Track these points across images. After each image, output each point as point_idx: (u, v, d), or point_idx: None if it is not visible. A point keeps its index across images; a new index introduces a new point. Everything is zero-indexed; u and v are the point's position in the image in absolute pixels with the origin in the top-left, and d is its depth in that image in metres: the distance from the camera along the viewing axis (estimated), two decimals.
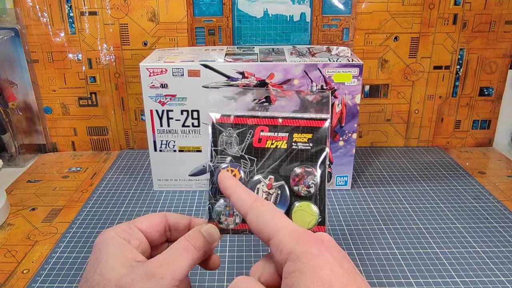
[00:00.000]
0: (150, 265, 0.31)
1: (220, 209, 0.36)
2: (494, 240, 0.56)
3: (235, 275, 0.50)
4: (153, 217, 0.36)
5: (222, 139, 0.38)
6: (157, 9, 0.75)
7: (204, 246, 0.34)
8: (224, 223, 0.36)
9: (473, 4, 0.75)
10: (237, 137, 0.38)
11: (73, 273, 0.50)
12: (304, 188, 0.36)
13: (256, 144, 0.37)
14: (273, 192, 0.37)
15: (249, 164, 0.37)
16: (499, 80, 0.81)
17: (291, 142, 0.37)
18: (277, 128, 0.37)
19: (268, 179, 0.37)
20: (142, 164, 0.78)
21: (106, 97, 0.81)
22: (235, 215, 0.36)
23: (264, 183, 0.37)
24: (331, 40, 0.78)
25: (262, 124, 0.37)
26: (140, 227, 0.35)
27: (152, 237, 0.36)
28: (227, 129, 0.38)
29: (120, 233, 0.33)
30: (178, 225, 0.37)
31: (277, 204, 0.37)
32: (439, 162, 0.78)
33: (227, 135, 0.38)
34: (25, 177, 0.75)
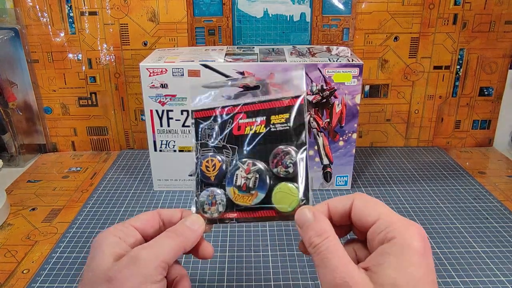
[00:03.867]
0: (133, 251, 0.32)
1: (203, 199, 0.37)
2: (494, 240, 0.56)
3: (235, 275, 0.50)
4: (147, 214, 0.37)
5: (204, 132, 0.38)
6: (157, 9, 0.75)
7: (186, 232, 0.35)
8: (208, 212, 0.37)
9: (473, 4, 0.75)
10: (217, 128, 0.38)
11: (73, 273, 0.50)
12: (283, 168, 0.36)
13: (236, 132, 0.38)
14: (251, 177, 0.37)
15: (231, 153, 0.38)
16: (499, 80, 0.81)
17: (269, 125, 0.37)
18: (254, 113, 0.38)
19: (246, 164, 0.37)
20: (142, 164, 0.78)
21: (106, 97, 0.81)
22: (218, 204, 0.37)
23: (242, 168, 0.37)
24: (331, 40, 0.78)
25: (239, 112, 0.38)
26: (135, 225, 0.36)
27: (147, 233, 0.36)
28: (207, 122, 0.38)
29: (115, 232, 0.34)
30: (172, 219, 0.37)
31: (256, 188, 0.37)
32: (439, 162, 0.78)
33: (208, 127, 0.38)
34: (25, 177, 0.75)
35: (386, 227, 0.30)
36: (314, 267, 0.50)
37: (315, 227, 0.32)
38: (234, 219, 0.37)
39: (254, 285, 0.48)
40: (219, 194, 0.37)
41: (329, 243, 0.30)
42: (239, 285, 0.48)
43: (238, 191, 0.37)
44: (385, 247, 0.29)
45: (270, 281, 0.49)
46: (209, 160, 0.38)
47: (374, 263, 0.29)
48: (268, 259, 0.52)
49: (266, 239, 0.56)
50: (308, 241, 0.32)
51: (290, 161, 0.36)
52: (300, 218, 0.34)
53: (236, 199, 0.37)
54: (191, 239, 0.35)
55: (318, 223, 0.32)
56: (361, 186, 0.70)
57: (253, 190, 0.37)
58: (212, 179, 0.38)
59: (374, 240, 0.31)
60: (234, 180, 0.37)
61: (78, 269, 0.51)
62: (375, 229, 0.31)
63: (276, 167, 0.36)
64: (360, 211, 0.32)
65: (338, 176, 0.68)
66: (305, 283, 0.48)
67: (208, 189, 0.37)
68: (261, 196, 0.37)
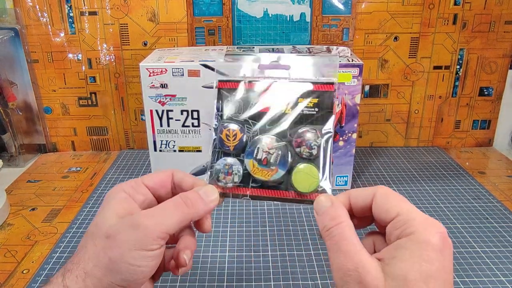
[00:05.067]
0: (137, 215, 0.32)
1: (219, 167, 0.36)
2: (494, 240, 0.56)
3: (235, 275, 0.50)
4: (160, 174, 0.37)
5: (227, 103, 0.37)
6: (157, 9, 0.75)
7: (197, 204, 0.34)
8: (223, 181, 0.36)
9: (473, 4, 0.75)
10: (241, 101, 0.37)
11: None
12: (306, 149, 0.36)
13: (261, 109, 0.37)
14: (273, 152, 0.36)
15: (252, 128, 0.37)
16: (499, 80, 0.81)
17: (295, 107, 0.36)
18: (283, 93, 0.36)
19: (270, 139, 0.36)
20: (142, 164, 0.78)
21: (106, 97, 0.81)
22: (234, 174, 0.36)
23: (264, 142, 0.36)
24: (331, 40, 0.78)
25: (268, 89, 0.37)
26: (147, 183, 0.36)
27: (159, 193, 0.36)
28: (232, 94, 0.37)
29: (126, 188, 0.35)
30: (182, 184, 0.36)
31: (277, 164, 0.36)
32: (439, 162, 0.78)
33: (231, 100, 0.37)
34: (25, 177, 0.75)
35: (405, 223, 0.30)
36: (315, 267, 0.51)
37: (331, 211, 0.32)
38: (248, 195, 0.36)
39: (254, 285, 0.48)
40: (236, 164, 0.36)
41: (343, 228, 0.31)
42: (239, 285, 0.48)
43: (258, 164, 0.36)
44: (401, 241, 0.29)
45: (270, 281, 0.49)
46: (230, 130, 0.37)
47: (388, 255, 0.30)
48: (268, 259, 0.52)
49: (266, 239, 0.56)
50: (322, 224, 0.32)
51: (315, 143, 0.35)
52: (318, 204, 0.33)
53: (254, 172, 0.36)
54: (200, 212, 0.34)
55: (333, 208, 0.32)
56: (361, 186, 0.70)
57: (274, 165, 0.36)
58: (231, 148, 0.37)
59: (392, 234, 0.30)
60: (255, 153, 0.36)
61: None
62: (393, 224, 0.31)
63: (300, 147, 0.36)
64: (381, 206, 0.32)
65: (338, 176, 0.68)
66: (305, 283, 0.48)
67: (226, 158, 0.37)
68: (281, 172, 0.36)
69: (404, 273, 0.28)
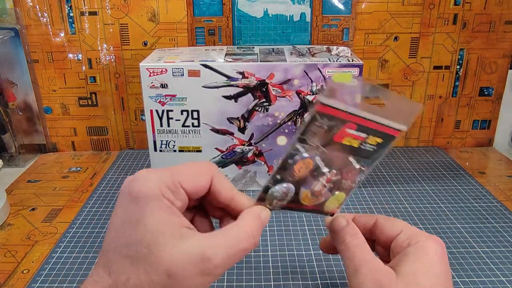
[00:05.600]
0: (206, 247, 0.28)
1: (277, 195, 0.34)
2: (494, 240, 0.56)
3: (235, 275, 0.50)
4: (200, 177, 0.31)
5: (311, 128, 0.34)
6: (157, 9, 0.75)
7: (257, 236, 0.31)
8: (273, 205, 0.35)
9: (473, 4, 0.75)
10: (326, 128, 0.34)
11: (73, 273, 0.50)
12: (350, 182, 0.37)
13: (336, 139, 0.35)
14: (328, 185, 0.36)
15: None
16: (499, 80, 0.81)
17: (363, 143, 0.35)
18: (363, 129, 0.35)
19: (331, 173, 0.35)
20: (142, 164, 0.78)
21: (106, 97, 0.81)
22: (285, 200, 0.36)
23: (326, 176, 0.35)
24: (331, 40, 0.78)
25: (353, 122, 0.34)
26: (186, 187, 0.30)
27: (192, 198, 0.32)
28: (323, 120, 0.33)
29: (165, 191, 0.29)
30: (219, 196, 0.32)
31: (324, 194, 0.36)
32: (439, 162, 0.78)
33: (319, 125, 0.34)
34: (25, 177, 0.75)
35: (410, 235, 0.34)
36: (315, 267, 0.51)
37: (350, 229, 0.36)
38: None
39: (254, 285, 0.48)
40: (292, 191, 0.35)
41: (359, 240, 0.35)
42: (239, 285, 0.48)
43: (310, 195, 0.36)
44: (408, 249, 0.33)
45: (270, 281, 0.49)
46: (306, 161, 0.34)
47: (397, 262, 0.33)
48: (268, 259, 0.52)
49: (267, 239, 0.56)
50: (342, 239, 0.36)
51: (359, 179, 0.37)
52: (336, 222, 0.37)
53: (303, 200, 0.36)
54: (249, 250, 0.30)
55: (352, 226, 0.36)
56: (361, 186, 0.70)
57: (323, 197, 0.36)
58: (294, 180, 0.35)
59: (398, 247, 0.35)
60: (314, 185, 0.35)
61: (78, 269, 0.51)
62: (399, 238, 0.35)
63: (346, 180, 0.36)
64: (384, 225, 0.37)
65: None
66: (305, 283, 0.48)
67: (285, 186, 0.34)
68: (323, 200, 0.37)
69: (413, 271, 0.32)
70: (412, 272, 0.32)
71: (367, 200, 0.65)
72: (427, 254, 0.33)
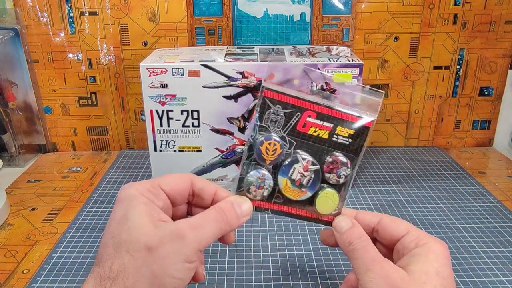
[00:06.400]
0: (181, 225, 0.31)
1: (252, 180, 0.36)
2: (494, 240, 0.56)
3: (235, 275, 0.50)
4: (179, 181, 0.36)
5: (268, 116, 0.36)
6: (157, 9, 0.75)
7: (233, 221, 0.34)
8: (253, 194, 0.36)
9: (473, 4, 0.75)
10: (283, 116, 0.36)
11: (73, 273, 0.50)
12: (335, 177, 0.37)
13: (299, 129, 0.37)
14: (307, 175, 0.37)
15: (287, 146, 0.37)
16: (499, 80, 0.81)
17: (333, 134, 0.37)
18: (324, 117, 0.37)
19: (306, 161, 0.36)
20: (142, 164, 0.78)
21: (106, 97, 0.81)
22: (265, 189, 0.36)
23: (301, 164, 0.36)
24: (331, 40, 0.78)
25: (311, 109, 0.36)
26: (165, 188, 0.34)
27: (175, 199, 0.35)
28: (275, 106, 0.36)
29: (144, 191, 0.33)
30: (203, 193, 0.36)
31: (308, 186, 0.37)
32: (439, 162, 0.78)
33: (274, 112, 0.36)
34: (25, 177, 0.75)
35: (417, 237, 0.35)
36: (315, 267, 0.51)
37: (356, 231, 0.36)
38: (270, 210, 0.37)
39: (254, 285, 0.48)
40: (269, 179, 0.36)
41: (365, 242, 0.35)
42: (239, 285, 0.48)
43: (290, 184, 0.37)
44: (417, 250, 0.34)
45: (270, 281, 0.49)
46: (272, 143, 0.36)
47: (405, 262, 0.34)
48: (268, 259, 0.52)
49: (266, 239, 0.56)
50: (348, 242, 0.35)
51: (344, 173, 0.37)
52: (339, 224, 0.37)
53: (285, 191, 0.37)
54: (233, 228, 0.34)
55: (356, 228, 0.36)
56: (361, 186, 0.70)
57: (305, 188, 0.37)
58: (267, 162, 0.36)
59: (405, 248, 0.35)
60: (290, 173, 0.36)
61: (78, 269, 0.51)
62: (405, 240, 0.35)
63: (330, 173, 0.37)
64: (389, 225, 0.37)
65: None
66: (305, 283, 0.48)
67: (260, 171, 0.36)
68: (309, 194, 0.37)
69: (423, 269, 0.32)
70: (425, 271, 0.32)
71: (367, 200, 0.65)
72: (437, 256, 0.33)
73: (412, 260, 0.33)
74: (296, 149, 0.37)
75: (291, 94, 0.36)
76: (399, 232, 0.36)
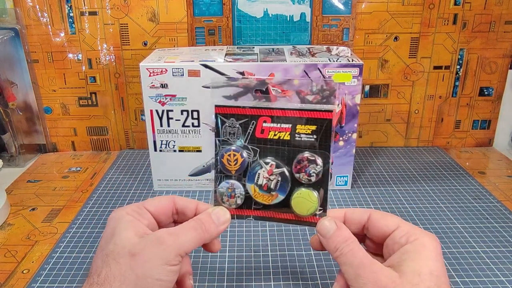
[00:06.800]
0: (161, 233, 0.34)
1: (222, 190, 0.38)
2: (494, 240, 0.56)
3: (235, 275, 0.50)
4: (162, 200, 0.39)
5: (225, 129, 0.38)
6: (157, 9, 0.75)
7: (211, 228, 0.36)
8: (227, 203, 0.38)
9: (473, 4, 0.75)
10: (239, 127, 0.38)
11: (73, 273, 0.50)
12: (305, 176, 0.37)
13: (258, 135, 0.37)
14: (274, 179, 0.37)
15: (252, 154, 0.38)
16: (499, 80, 0.81)
17: (294, 134, 0.37)
18: (280, 119, 0.37)
19: (269, 165, 0.37)
20: (142, 164, 0.78)
21: (106, 97, 0.81)
22: (237, 197, 0.38)
23: (265, 169, 0.37)
24: (331, 40, 0.78)
25: (264, 115, 0.37)
26: (149, 209, 0.37)
27: (160, 219, 0.38)
28: (230, 120, 0.38)
29: (130, 212, 0.36)
30: (186, 210, 0.39)
31: (277, 190, 0.37)
32: (439, 162, 0.78)
33: (230, 125, 0.38)
34: (25, 177, 0.75)
35: (407, 232, 0.34)
36: (315, 267, 0.51)
37: (341, 234, 0.35)
38: (252, 216, 0.38)
39: (254, 285, 0.48)
40: (238, 187, 0.38)
41: (352, 245, 0.34)
42: (239, 285, 0.48)
43: (258, 189, 0.38)
44: (407, 246, 0.33)
45: (270, 281, 0.49)
46: (231, 154, 0.38)
47: (397, 260, 0.33)
48: (268, 259, 0.52)
49: (266, 239, 0.56)
50: (334, 247, 0.35)
51: (314, 171, 0.37)
52: (323, 228, 0.36)
53: (255, 197, 0.38)
54: (212, 235, 0.36)
55: (342, 231, 0.36)
56: (361, 186, 0.70)
57: (274, 191, 0.37)
58: (232, 172, 0.38)
59: (395, 244, 0.35)
60: (256, 179, 0.37)
61: (78, 269, 0.51)
62: (396, 235, 0.35)
63: (299, 173, 0.37)
64: (380, 221, 0.36)
65: (338, 176, 0.68)
66: (305, 283, 0.48)
67: (228, 181, 0.38)
68: (281, 198, 0.37)
69: (416, 269, 0.32)
70: (417, 272, 0.32)
71: (367, 200, 0.65)
72: (430, 253, 0.33)
73: (404, 258, 0.33)
74: (262, 156, 0.38)
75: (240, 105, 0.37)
76: (389, 228, 0.35)
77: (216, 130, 0.38)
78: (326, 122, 0.36)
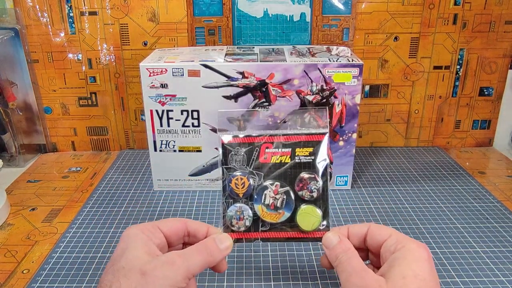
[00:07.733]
0: (171, 254, 0.36)
1: (231, 214, 0.41)
2: (494, 240, 0.56)
3: (235, 275, 0.50)
4: (175, 222, 0.41)
5: (232, 158, 0.42)
6: (157, 9, 0.75)
7: (215, 253, 0.38)
8: (236, 226, 0.41)
9: (473, 4, 0.75)
10: (244, 155, 0.42)
11: (73, 273, 0.50)
12: (308, 192, 0.41)
13: (262, 161, 0.42)
14: (279, 197, 0.41)
15: (257, 178, 0.42)
16: (499, 80, 0.81)
17: (294, 156, 0.42)
18: (279, 145, 0.42)
19: (274, 185, 0.41)
20: (142, 164, 0.78)
21: (106, 97, 0.81)
22: (245, 219, 0.41)
23: (270, 189, 0.41)
24: (331, 40, 0.78)
25: (266, 142, 0.42)
26: (163, 229, 0.39)
27: (171, 239, 0.40)
28: (235, 149, 0.42)
29: (144, 231, 0.38)
30: (197, 233, 0.41)
31: (283, 207, 0.41)
32: (439, 162, 0.78)
33: (235, 153, 0.42)
34: (25, 177, 0.75)
35: (397, 240, 0.37)
36: (315, 267, 0.51)
37: (342, 245, 0.38)
38: (259, 238, 0.42)
39: (254, 285, 0.48)
40: (246, 209, 0.41)
41: (351, 254, 0.37)
42: (239, 285, 0.48)
43: (266, 209, 0.41)
44: (396, 254, 0.36)
45: (270, 281, 0.49)
46: (239, 178, 0.42)
47: (386, 268, 0.35)
48: (268, 259, 0.52)
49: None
50: (335, 257, 0.38)
51: (315, 186, 0.41)
52: (328, 240, 0.40)
53: (264, 216, 0.41)
54: (217, 259, 0.39)
55: (343, 243, 0.39)
56: (361, 186, 0.70)
57: (281, 209, 0.41)
58: (240, 195, 0.42)
59: (386, 252, 0.37)
60: (263, 199, 0.41)
61: (78, 269, 0.51)
62: (387, 243, 0.37)
63: (302, 191, 0.41)
64: (375, 231, 0.39)
65: (338, 176, 0.68)
66: (305, 283, 0.48)
67: (236, 205, 0.41)
68: (287, 215, 0.41)
69: (401, 273, 0.33)
70: (402, 275, 0.33)
71: (367, 200, 0.66)
72: (413, 258, 0.35)
73: (392, 265, 0.35)
74: (266, 178, 0.42)
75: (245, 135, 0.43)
76: (382, 237, 0.38)
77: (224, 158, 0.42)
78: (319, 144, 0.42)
